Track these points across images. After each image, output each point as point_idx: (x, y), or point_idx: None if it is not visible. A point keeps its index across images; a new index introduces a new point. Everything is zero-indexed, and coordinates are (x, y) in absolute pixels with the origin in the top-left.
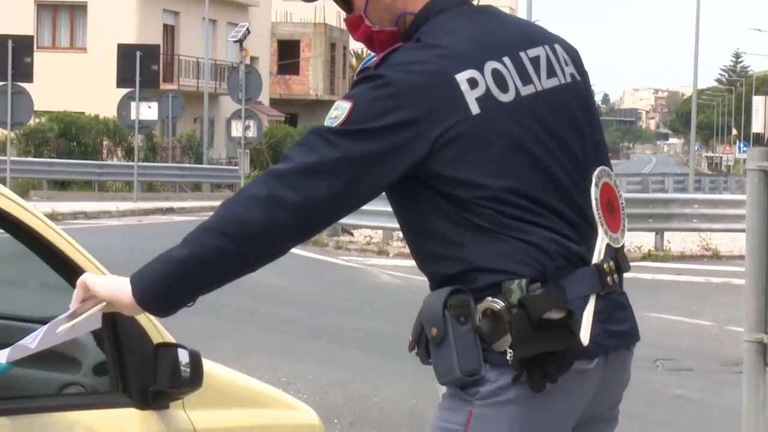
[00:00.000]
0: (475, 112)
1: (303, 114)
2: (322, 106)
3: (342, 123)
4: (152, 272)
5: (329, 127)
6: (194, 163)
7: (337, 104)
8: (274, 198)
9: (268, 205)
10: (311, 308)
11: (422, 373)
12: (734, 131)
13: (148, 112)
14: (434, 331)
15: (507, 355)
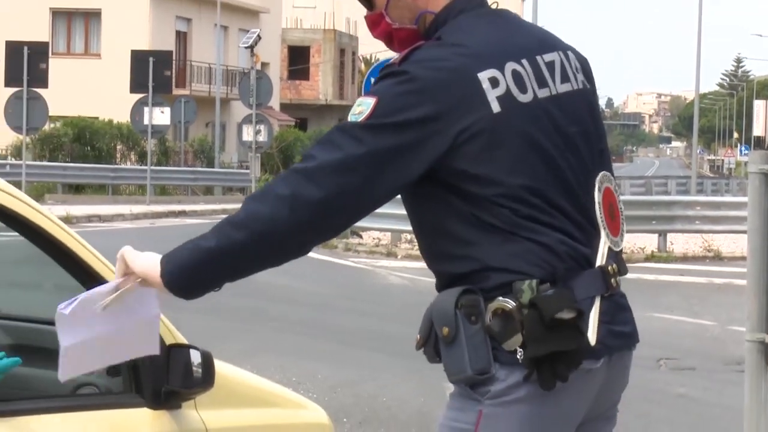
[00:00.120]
0: (496, 110)
1: (313, 118)
2: (332, 111)
3: (367, 117)
4: (180, 258)
5: (354, 123)
6: (206, 167)
7: (361, 100)
8: (298, 196)
9: (292, 203)
10: (321, 309)
11: (430, 373)
12: (735, 135)
13: (161, 116)
14: (445, 330)
15: (517, 354)
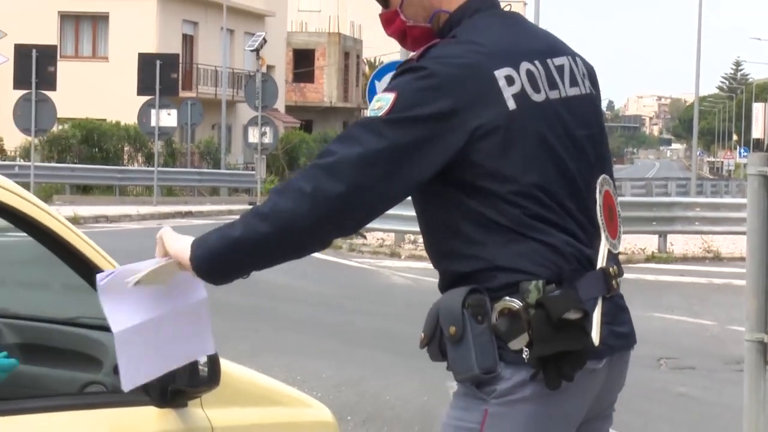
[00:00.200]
0: (512, 107)
1: (317, 120)
2: (336, 113)
3: (388, 112)
4: (208, 244)
5: (374, 117)
6: (212, 169)
7: (380, 96)
8: (318, 192)
9: (313, 198)
10: (325, 308)
11: (433, 372)
12: (735, 137)
13: (168, 119)
14: (452, 329)
15: (522, 354)
